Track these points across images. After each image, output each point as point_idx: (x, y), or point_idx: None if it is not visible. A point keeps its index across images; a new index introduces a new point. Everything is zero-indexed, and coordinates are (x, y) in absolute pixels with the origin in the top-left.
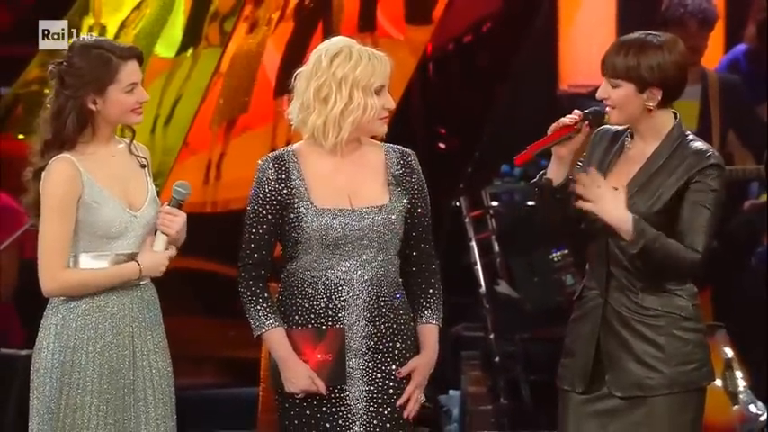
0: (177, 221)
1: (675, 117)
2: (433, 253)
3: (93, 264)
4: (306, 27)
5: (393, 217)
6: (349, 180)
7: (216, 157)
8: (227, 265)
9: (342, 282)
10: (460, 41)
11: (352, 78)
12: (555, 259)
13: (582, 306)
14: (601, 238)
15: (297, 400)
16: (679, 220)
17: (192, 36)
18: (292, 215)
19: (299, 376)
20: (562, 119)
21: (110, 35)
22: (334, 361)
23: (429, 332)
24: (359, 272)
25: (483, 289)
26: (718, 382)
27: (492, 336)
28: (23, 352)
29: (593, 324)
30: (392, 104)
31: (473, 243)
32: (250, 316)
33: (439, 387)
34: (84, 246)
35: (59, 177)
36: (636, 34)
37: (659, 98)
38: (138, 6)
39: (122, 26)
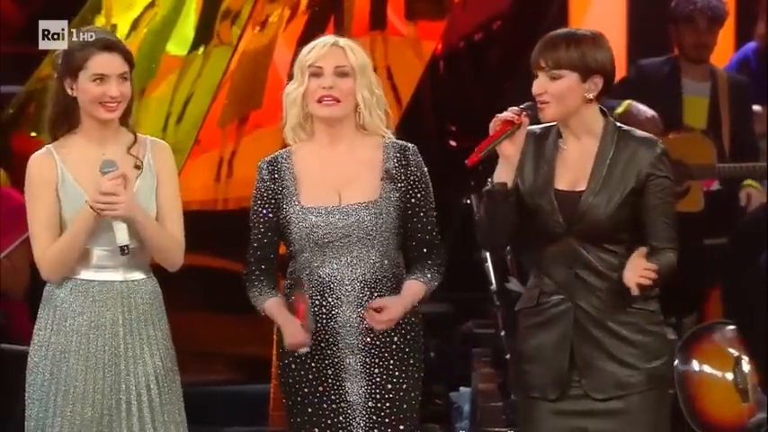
0: (119, 200)
1: (604, 113)
2: (437, 243)
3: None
4: (317, 25)
5: (382, 213)
6: (340, 176)
7: (227, 154)
8: (238, 261)
9: (333, 279)
10: (471, 39)
11: (297, 62)
12: None
13: (543, 312)
14: (561, 241)
15: (299, 398)
16: (646, 216)
17: (203, 34)
18: (283, 215)
19: (286, 333)
20: (500, 115)
21: (121, 34)
22: (304, 310)
23: (409, 285)
24: (350, 269)
25: (494, 286)
26: (729, 378)
27: (503, 333)
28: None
29: (564, 329)
30: (328, 83)
31: None
32: (253, 301)
33: (449, 384)
34: None
35: (32, 164)
36: (563, 30)
37: (600, 87)
38: (150, 5)
39: (134, 25)
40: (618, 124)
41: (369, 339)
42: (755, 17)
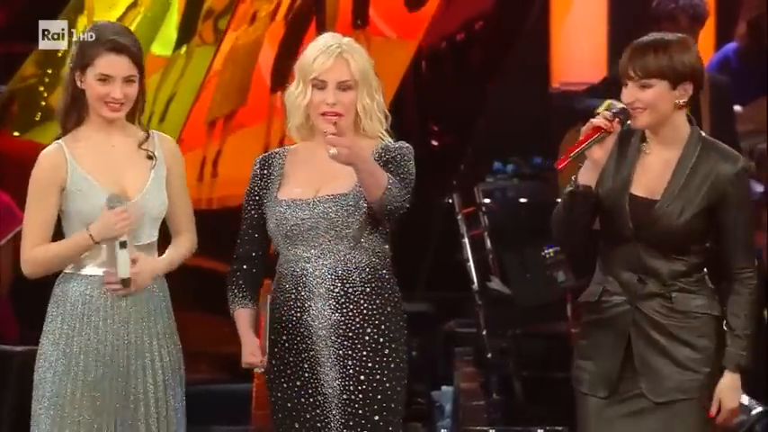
0: (127, 217)
1: (690, 120)
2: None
3: (87, 258)
4: (299, 25)
5: (350, 205)
6: (325, 173)
7: (211, 154)
8: (222, 262)
9: (305, 272)
10: (453, 39)
11: (299, 65)
12: (547, 256)
13: (602, 311)
14: (629, 246)
15: (279, 394)
16: (725, 235)
17: (186, 34)
18: (264, 210)
19: (244, 351)
20: (593, 120)
21: None
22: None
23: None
24: (320, 261)
25: (475, 285)
26: None
27: (484, 332)
28: (19, 348)
29: (621, 330)
30: (331, 100)
31: (465, 240)
32: (229, 302)
33: (432, 383)
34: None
35: (42, 163)
36: (650, 36)
37: (690, 93)
38: (133, 5)
39: None
40: (702, 134)
41: (341, 331)
42: (736, 18)
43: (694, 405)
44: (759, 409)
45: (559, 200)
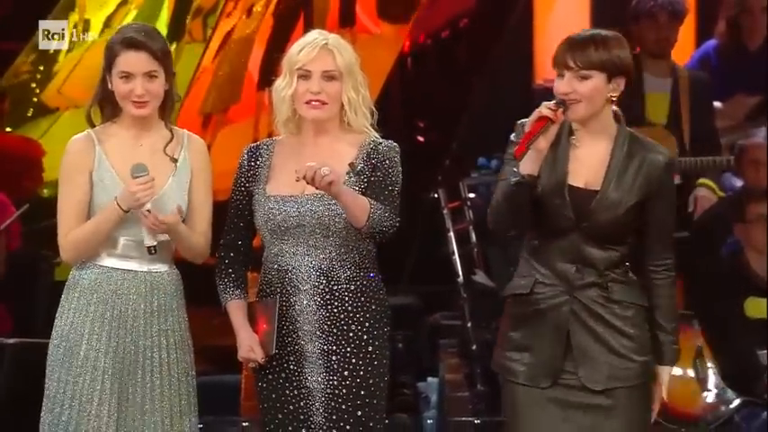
0: (151, 186)
1: (617, 116)
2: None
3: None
4: (287, 22)
5: (337, 204)
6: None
7: None
8: (211, 255)
9: (291, 268)
10: (438, 37)
11: (286, 59)
12: None
13: (536, 303)
14: (567, 237)
15: (264, 384)
16: (650, 225)
17: (175, 31)
18: (252, 203)
19: (241, 345)
20: (540, 110)
21: (94, 32)
22: (268, 330)
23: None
24: (306, 258)
25: (460, 279)
26: (690, 372)
27: (469, 324)
28: (11, 340)
29: (560, 319)
30: (315, 89)
31: (451, 234)
32: (219, 292)
33: (417, 375)
34: None
35: (71, 147)
36: (587, 31)
37: (622, 88)
38: (123, 2)
39: (107, 22)
40: (627, 128)
41: (326, 327)
42: (716, 15)
43: (633, 392)
44: (738, 400)
45: (496, 190)
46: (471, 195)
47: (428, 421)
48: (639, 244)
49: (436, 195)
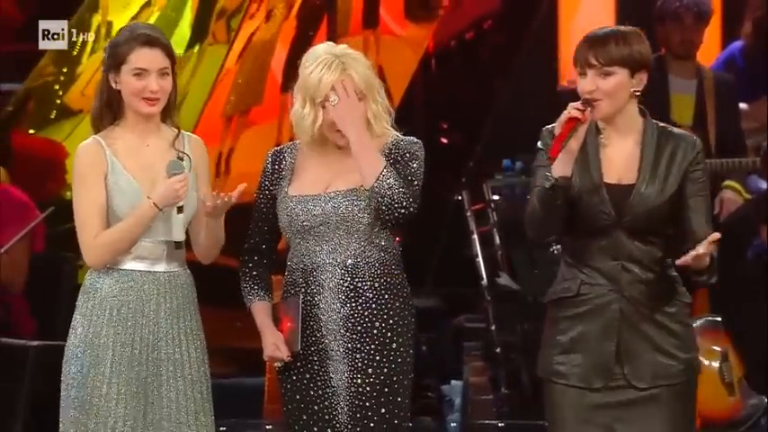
0: (187, 183)
1: (642, 111)
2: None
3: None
4: (310, 23)
5: (361, 200)
6: (334, 169)
7: (224, 151)
8: (235, 257)
9: (316, 266)
10: (462, 38)
11: (303, 86)
12: (555, 252)
13: (585, 302)
14: (609, 234)
15: (289, 385)
16: (686, 209)
17: (199, 33)
18: (276, 206)
19: (266, 344)
20: (567, 111)
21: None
22: (293, 327)
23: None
24: (332, 256)
25: (484, 281)
26: (716, 372)
27: (493, 327)
28: (34, 343)
29: (608, 320)
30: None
31: (475, 236)
32: (243, 294)
33: (441, 377)
34: None
35: (81, 152)
36: (605, 28)
37: (645, 82)
38: (147, 4)
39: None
40: (655, 121)
41: (350, 324)
42: (741, 17)
43: (678, 390)
44: (766, 403)
45: (531, 197)
46: (495, 197)
47: (452, 424)
48: (679, 232)
49: (460, 198)
